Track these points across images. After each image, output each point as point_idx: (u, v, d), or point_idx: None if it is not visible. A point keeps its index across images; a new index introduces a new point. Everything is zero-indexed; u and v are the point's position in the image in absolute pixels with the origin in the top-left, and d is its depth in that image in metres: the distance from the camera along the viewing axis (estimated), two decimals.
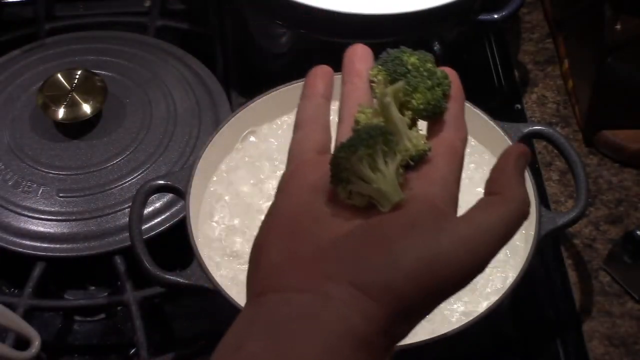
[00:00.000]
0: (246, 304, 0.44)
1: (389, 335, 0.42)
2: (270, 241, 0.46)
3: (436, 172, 0.47)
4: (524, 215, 0.45)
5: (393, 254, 0.42)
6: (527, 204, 0.45)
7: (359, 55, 0.54)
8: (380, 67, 0.51)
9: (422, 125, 0.51)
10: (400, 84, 0.49)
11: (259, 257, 0.46)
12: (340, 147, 0.46)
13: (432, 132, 0.50)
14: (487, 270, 0.76)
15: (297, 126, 0.52)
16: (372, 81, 0.51)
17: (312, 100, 0.53)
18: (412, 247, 0.42)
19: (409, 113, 0.49)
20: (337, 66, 0.86)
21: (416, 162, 0.47)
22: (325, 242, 0.44)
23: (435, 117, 0.50)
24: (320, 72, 0.54)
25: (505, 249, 0.77)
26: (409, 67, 0.50)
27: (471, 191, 0.82)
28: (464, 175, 0.81)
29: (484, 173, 0.83)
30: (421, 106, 0.49)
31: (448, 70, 0.51)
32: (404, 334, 0.44)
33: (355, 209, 0.46)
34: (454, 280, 0.43)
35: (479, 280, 0.76)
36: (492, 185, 0.46)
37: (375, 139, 0.45)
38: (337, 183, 0.46)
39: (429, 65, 0.50)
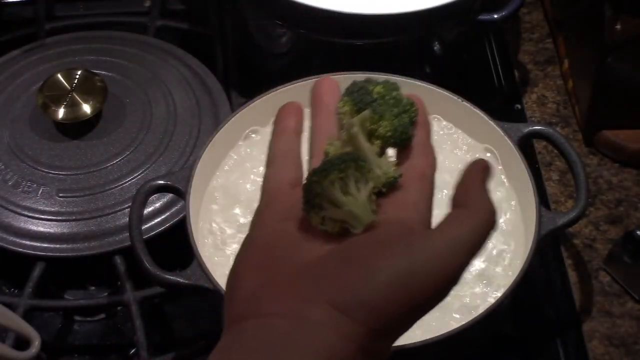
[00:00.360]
0: (224, 331, 0.45)
1: (369, 353, 0.43)
2: (246, 269, 0.46)
3: (408, 198, 0.48)
4: (492, 226, 0.46)
5: (369, 272, 0.43)
6: (494, 214, 0.46)
7: (326, 88, 0.55)
8: (346, 98, 0.51)
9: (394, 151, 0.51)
10: (366, 112, 0.49)
11: (235, 284, 0.46)
12: (312, 172, 0.47)
13: (401, 159, 0.51)
14: (487, 270, 0.76)
15: (269, 162, 0.53)
16: (339, 113, 0.51)
17: (284, 136, 0.54)
18: (387, 264, 0.43)
19: (377, 142, 0.49)
20: (336, 67, 0.87)
21: (387, 189, 0.48)
22: (301, 267, 0.44)
23: (403, 144, 0.51)
24: (292, 109, 0.55)
25: (506, 248, 0.77)
26: (375, 95, 0.50)
27: None
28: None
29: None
30: (389, 133, 0.49)
31: (413, 97, 0.51)
32: (384, 352, 0.44)
33: (328, 235, 0.46)
34: (429, 294, 0.44)
35: (480, 280, 0.76)
36: (459, 199, 0.47)
37: (347, 163, 0.46)
38: (310, 209, 0.46)
39: (395, 93, 0.50)
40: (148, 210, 0.84)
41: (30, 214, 0.86)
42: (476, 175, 0.48)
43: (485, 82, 1.04)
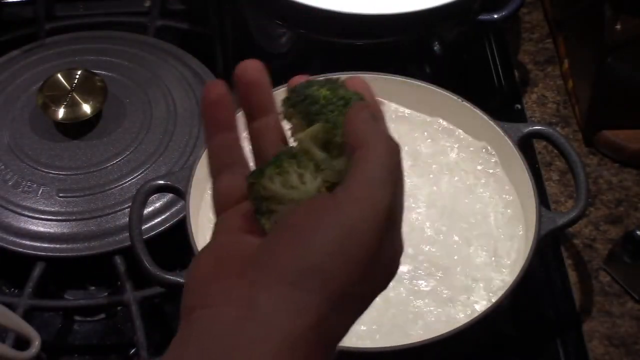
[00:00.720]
0: (179, 326, 0.44)
1: (324, 328, 0.41)
2: (199, 265, 0.46)
3: None
4: (395, 151, 0.45)
5: (311, 240, 0.42)
6: (391, 139, 0.45)
7: (252, 79, 0.51)
8: (292, 110, 0.48)
9: None
10: (317, 127, 0.47)
11: (188, 282, 0.46)
12: (249, 175, 0.45)
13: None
14: (487, 270, 0.76)
15: (213, 175, 0.50)
16: (290, 127, 0.49)
17: (219, 139, 0.50)
18: (324, 227, 0.42)
19: (335, 151, 0.47)
20: (336, 67, 0.87)
21: None
22: (247, 257, 0.44)
23: None
24: (215, 97, 0.50)
25: (506, 248, 0.77)
26: (323, 101, 0.47)
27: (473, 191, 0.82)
28: (463, 176, 0.80)
29: (483, 173, 0.83)
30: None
31: (356, 84, 0.49)
32: (341, 328, 0.43)
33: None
34: (372, 238, 0.43)
35: (480, 280, 0.76)
36: (355, 142, 0.46)
37: (281, 157, 0.45)
38: (261, 217, 0.45)
39: (341, 91, 0.48)
40: (148, 210, 0.83)
41: (30, 214, 0.86)
42: (359, 114, 0.46)
43: (485, 82, 1.04)
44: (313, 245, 0.42)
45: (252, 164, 0.50)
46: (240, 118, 0.50)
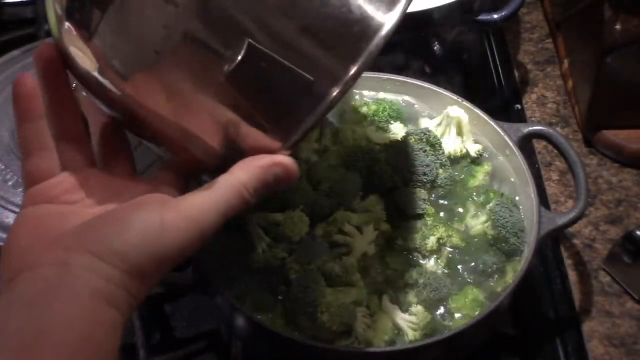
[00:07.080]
0: (2, 293, 0.49)
1: (127, 289, 0.49)
2: (18, 234, 0.52)
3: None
4: (241, 197, 0.52)
5: (122, 226, 0.49)
6: (239, 190, 0.52)
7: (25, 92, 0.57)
8: None
9: None
10: None
11: (10, 245, 0.52)
12: None
13: None
14: (487, 269, 0.76)
15: (23, 154, 0.57)
16: None
17: (29, 127, 0.57)
18: (139, 220, 0.49)
19: None
20: None
21: None
22: (67, 228, 0.51)
23: None
24: (25, 91, 0.57)
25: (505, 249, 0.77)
26: None
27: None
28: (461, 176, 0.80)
29: (482, 172, 0.83)
30: None
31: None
32: (142, 291, 0.50)
33: (92, 209, 0.54)
34: (176, 245, 0.50)
35: (479, 279, 0.76)
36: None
37: None
38: None
39: None
40: None
41: None
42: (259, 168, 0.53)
43: (485, 82, 1.04)
44: (123, 233, 0.49)
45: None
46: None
